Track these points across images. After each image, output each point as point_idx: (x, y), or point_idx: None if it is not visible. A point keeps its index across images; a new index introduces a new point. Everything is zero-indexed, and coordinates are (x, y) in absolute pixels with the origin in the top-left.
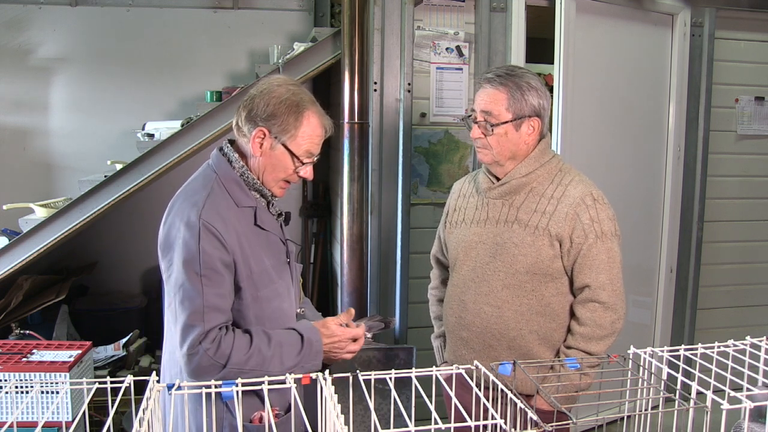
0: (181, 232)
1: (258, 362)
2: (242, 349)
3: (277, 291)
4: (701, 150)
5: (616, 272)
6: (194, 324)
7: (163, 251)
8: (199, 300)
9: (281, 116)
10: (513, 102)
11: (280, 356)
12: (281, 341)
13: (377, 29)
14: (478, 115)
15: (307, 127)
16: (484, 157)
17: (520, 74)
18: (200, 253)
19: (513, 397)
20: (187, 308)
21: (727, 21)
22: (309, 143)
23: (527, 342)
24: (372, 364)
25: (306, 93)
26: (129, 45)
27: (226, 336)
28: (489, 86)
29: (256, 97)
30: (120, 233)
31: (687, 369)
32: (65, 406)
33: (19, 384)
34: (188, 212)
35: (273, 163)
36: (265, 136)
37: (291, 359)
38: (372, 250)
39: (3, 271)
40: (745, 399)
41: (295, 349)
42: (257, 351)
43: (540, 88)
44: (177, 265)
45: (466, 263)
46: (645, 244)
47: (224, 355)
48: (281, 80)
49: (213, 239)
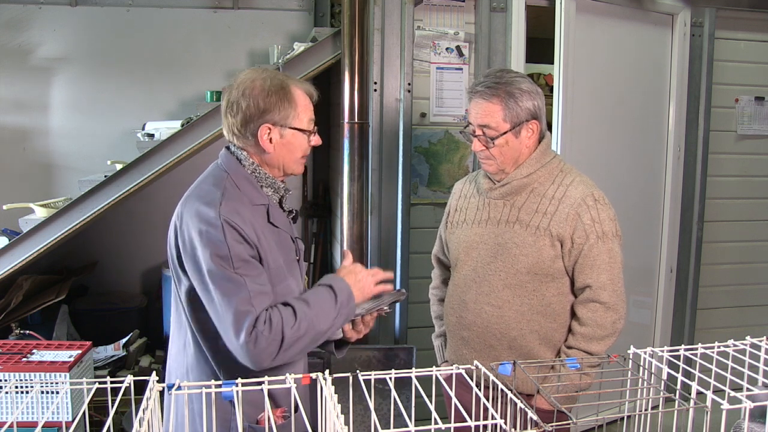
0: (204, 232)
1: (308, 324)
2: (290, 318)
3: (290, 287)
4: (701, 150)
5: (617, 272)
6: (246, 311)
7: (187, 254)
8: (244, 289)
9: (276, 105)
10: (508, 111)
11: (323, 311)
12: (317, 299)
13: (377, 29)
14: (476, 129)
15: (300, 99)
16: (489, 168)
17: (509, 80)
18: (229, 248)
19: (513, 397)
20: (233, 301)
21: (727, 21)
22: (308, 112)
23: (528, 342)
24: (372, 364)
25: (277, 72)
26: (129, 45)
27: (273, 313)
28: (481, 99)
29: (240, 100)
30: (120, 233)
31: (687, 369)
32: (65, 406)
33: (19, 384)
34: (206, 211)
35: (289, 148)
36: (271, 130)
37: (332, 310)
38: (372, 250)
39: (3, 271)
40: (745, 399)
41: (330, 299)
42: (303, 314)
43: (531, 89)
44: (209, 264)
45: (467, 263)
46: (645, 244)
47: (278, 330)
48: (249, 74)
49: (236, 234)
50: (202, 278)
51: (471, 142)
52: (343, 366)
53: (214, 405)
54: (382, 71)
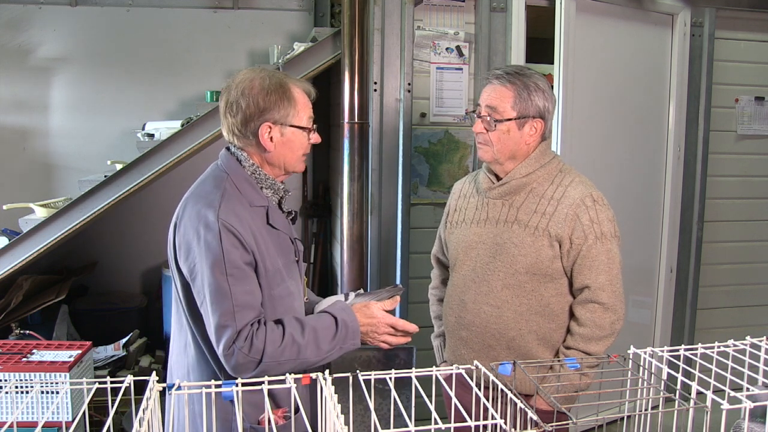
0: (202, 234)
1: (293, 352)
2: (275, 341)
3: (289, 290)
4: (701, 150)
5: (616, 273)
6: (226, 324)
7: (182, 255)
8: (229, 300)
9: (275, 103)
10: (519, 101)
11: (315, 342)
12: (315, 326)
13: (377, 29)
14: (482, 110)
15: (299, 97)
16: (485, 154)
17: (529, 74)
18: (224, 253)
19: (513, 397)
20: (217, 309)
21: (727, 21)
22: (307, 110)
23: (526, 342)
24: (372, 364)
25: (275, 71)
26: (129, 45)
27: (258, 331)
28: (497, 82)
29: (239, 100)
30: (120, 233)
31: (687, 369)
32: (65, 406)
33: (19, 384)
34: (205, 213)
35: (289, 146)
36: (271, 129)
37: (326, 343)
38: (372, 250)
39: (3, 271)
40: (745, 399)
41: (330, 332)
42: (291, 341)
43: (547, 90)
44: (203, 268)
45: (466, 263)
46: (645, 244)
47: (258, 350)
48: (248, 74)
49: (233, 239)
50: (194, 280)
51: (473, 123)
52: (343, 366)
53: (215, 406)
54: (382, 71)
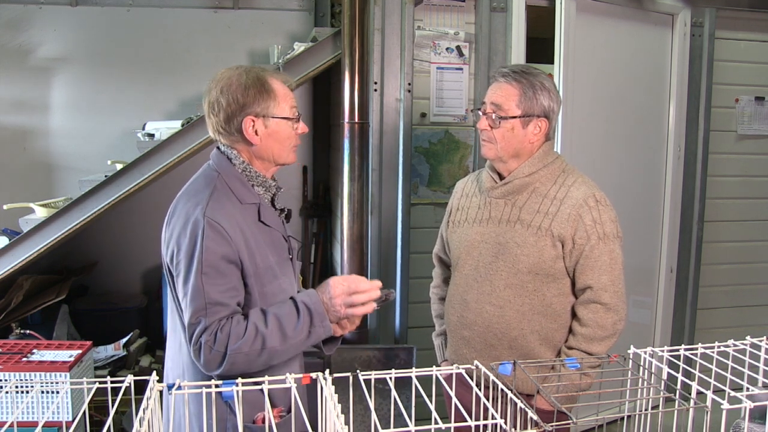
0: (186, 232)
1: (259, 342)
2: (239, 333)
3: (282, 287)
4: (701, 150)
5: (618, 273)
6: (197, 321)
7: (169, 252)
8: (202, 298)
9: (255, 97)
10: (524, 99)
11: (279, 329)
12: (277, 313)
13: (377, 29)
14: (488, 107)
15: (279, 88)
16: (488, 152)
17: (535, 74)
18: (202, 250)
19: (513, 396)
20: (191, 306)
21: (727, 21)
22: (288, 100)
23: (528, 342)
24: (372, 363)
25: (251, 66)
26: (129, 45)
27: (224, 325)
28: (503, 80)
29: (219, 98)
30: (120, 233)
31: (687, 369)
32: (65, 406)
33: (19, 384)
34: (192, 211)
35: (275, 137)
36: (254, 122)
37: (291, 329)
38: (372, 250)
39: (3, 271)
40: (745, 399)
41: (293, 317)
42: (254, 331)
43: (552, 90)
44: (183, 265)
45: (468, 262)
46: (645, 244)
47: (222, 343)
48: (225, 73)
49: (217, 236)
50: (177, 277)
51: (478, 120)
52: (343, 366)
53: (212, 405)
54: (383, 71)
